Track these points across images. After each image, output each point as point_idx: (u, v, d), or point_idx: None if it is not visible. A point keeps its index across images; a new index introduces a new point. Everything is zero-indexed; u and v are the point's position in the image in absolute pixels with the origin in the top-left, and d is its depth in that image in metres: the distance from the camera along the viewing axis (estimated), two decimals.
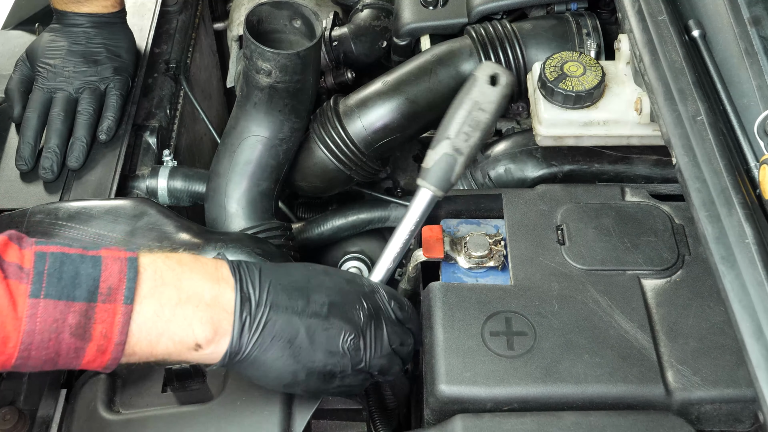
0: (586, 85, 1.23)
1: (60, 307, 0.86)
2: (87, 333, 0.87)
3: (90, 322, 0.87)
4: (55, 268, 0.87)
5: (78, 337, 0.87)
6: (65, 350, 0.87)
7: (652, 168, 1.30)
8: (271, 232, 1.37)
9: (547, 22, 1.46)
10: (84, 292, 0.87)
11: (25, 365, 0.87)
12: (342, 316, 0.97)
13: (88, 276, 0.88)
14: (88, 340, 0.88)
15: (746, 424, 1.00)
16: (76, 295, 0.87)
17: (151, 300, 0.90)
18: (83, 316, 0.87)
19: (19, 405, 1.10)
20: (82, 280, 0.87)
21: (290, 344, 0.95)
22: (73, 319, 0.86)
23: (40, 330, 0.85)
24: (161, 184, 1.48)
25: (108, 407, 1.08)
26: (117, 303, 0.88)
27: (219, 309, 0.93)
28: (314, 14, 1.31)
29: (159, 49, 1.71)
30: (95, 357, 0.89)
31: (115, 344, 0.89)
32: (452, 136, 1.05)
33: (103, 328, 0.88)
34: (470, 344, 1.02)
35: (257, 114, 1.35)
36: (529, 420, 0.96)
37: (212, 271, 0.95)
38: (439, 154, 1.06)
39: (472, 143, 1.05)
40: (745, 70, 1.05)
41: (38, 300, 0.85)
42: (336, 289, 0.99)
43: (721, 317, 1.04)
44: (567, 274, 1.10)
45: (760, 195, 0.95)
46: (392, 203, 1.54)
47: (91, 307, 0.87)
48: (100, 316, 0.88)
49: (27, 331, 0.85)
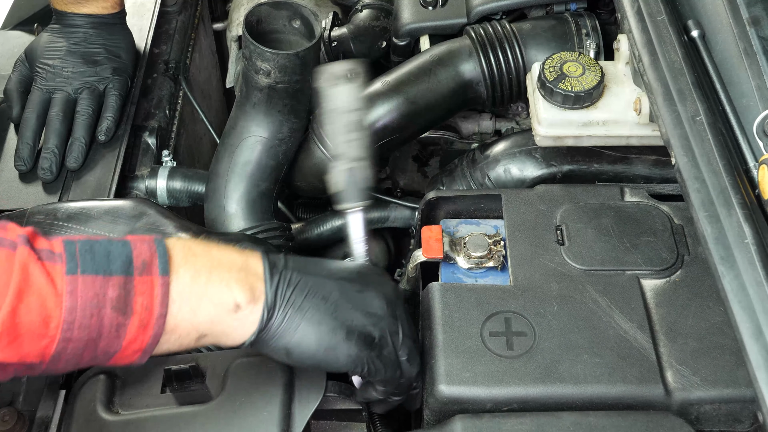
0: (585, 86, 1.23)
1: (99, 281, 0.84)
2: (128, 306, 0.85)
3: (130, 295, 0.85)
4: (86, 249, 0.85)
5: (119, 312, 0.85)
6: (107, 327, 0.84)
7: (651, 168, 1.30)
8: (271, 233, 1.37)
9: (547, 23, 1.46)
10: (119, 266, 0.85)
11: (65, 351, 0.84)
12: (374, 282, 0.98)
13: (120, 253, 0.86)
14: (130, 315, 0.85)
15: (746, 424, 1.00)
16: (112, 270, 0.85)
17: (185, 267, 0.89)
18: (122, 288, 0.85)
19: (18, 406, 1.10)
20: (116, 257, 0.86)
21: (325, 300, 0.93)
22: (113, 292, 0.84)
23: (82, 305, 0.83)
24: (160, 185, 1.48)
25: (107, 408, 1.07)
26: (153, 275, 0.87)
27: (251, 272, 0.92)
28: (313, 14, 1.31)
29: (158, 49, 1.71)
30: (137, 334, 0.86)
31: (157, 317, 0.86)
32: (341, 150, 1.06)
33: (143, 300, 0.86)
34: (470, 344, 1.02)
35: (256, 114, 1.35)
36: (529, 420, 0.96)
37: (238, 248, 0.96)
38: (341, 173, 1.07)
39: (363, 143, 1.06)
40: (744, 70, 1.05)
41: (76, 276, 0.83)
42: (361, 266, 1.01)
43: (720, 317, 1.04)
44: (566, 275, 1.10)
45: (759, 195, 0.95)
46: (391, 203, 1.53)
47: (129, 280, 0.85)
48: (139, 288, 0.86)
49: (68, 308, 0.82)
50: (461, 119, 1.61)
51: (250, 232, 1.35)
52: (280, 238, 1.38)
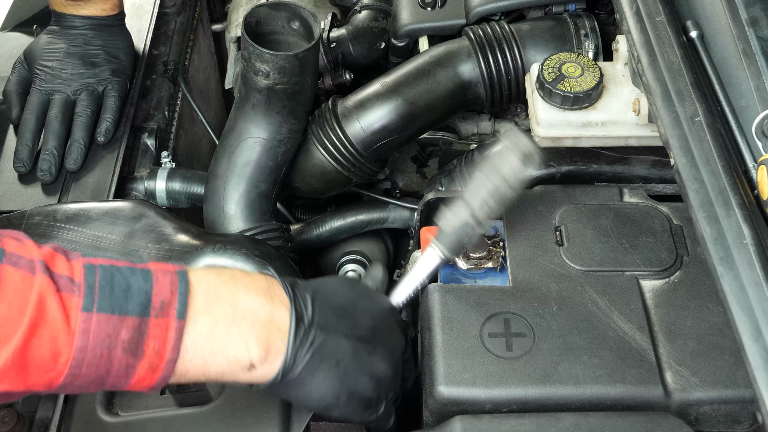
0: (584, 86, 1.23)
1: (113, 322, 0.82)
2: (139, 349, 0.83)
3: (143, 337, 0.83)
4: (107, 280, 0.83)
5: (130, 354, 0.83)
6: (116, 367, 0.83)
7: (650, 169, 1.30)
8: (270, 234, 1.37)
9: (545, 23, 1.46)
10: (137, 305, 0.83)
11: (72, 384, 0.82)
12: (384, 341, 0.97)
13: (140, 289, 0.84)
14: (140, 357, 0.83)
15: (745, 424, 1.00)
16: (129, 309, 0.83)
17: (206, 317, 0.86)
18: (136, 330, 0.83)
19: (18, 407, 1.10)
20: (134, 293, 0.83)
21: (337, 365, 0.93)
22: (126, 334, 0.82)
23: (93, 345, 0.81)
24: (159, 186, 1.48)
25: (107, 409, 1.08)
26: (170, 318, 0.84)
27: (274, 328, 0.90)
28: (312, 16, 1.31)
29: (157, 50, 1.71)
30: (145, 375, 0.85)
31: (167, 362, 0.85)
32: (476, 207, 1.05)
33: (155, 345, 0.84)
34: (469, 345, 1.02)
35: (255, 115, 1.35)
36: (528, 421, 0.96)
37: (266, 287, 0.92)
38: (460, 222, 1.05)
39: (492, 215, 1.06)
40: (743, 70, 1.05)
41: (91, 314, 0.81)
42: (378, 312, 0.99)
43: (719, 318, 1.04)
44: (565, 275, 1.10)
45: (758, 196, 0.95)
46: (391, 204, 1.54)
47: (144, 322, 0.83)
48: (153, 332, 0.84)
49: (79, 347, 0.80)
50: (460, 120, 1.61)
51: (249, 233, 1.35)
52: (279, 239, 1.38)
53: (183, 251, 1.21)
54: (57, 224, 1.24)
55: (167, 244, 1.22)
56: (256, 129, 1.36)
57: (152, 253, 1.20)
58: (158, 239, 1.22)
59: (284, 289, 0.93)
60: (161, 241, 1.22)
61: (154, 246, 1.21)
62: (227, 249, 1.21)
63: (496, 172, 1.06)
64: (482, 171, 1.07)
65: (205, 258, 1.20)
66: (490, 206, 1.05)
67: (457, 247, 1.07)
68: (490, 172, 1.06)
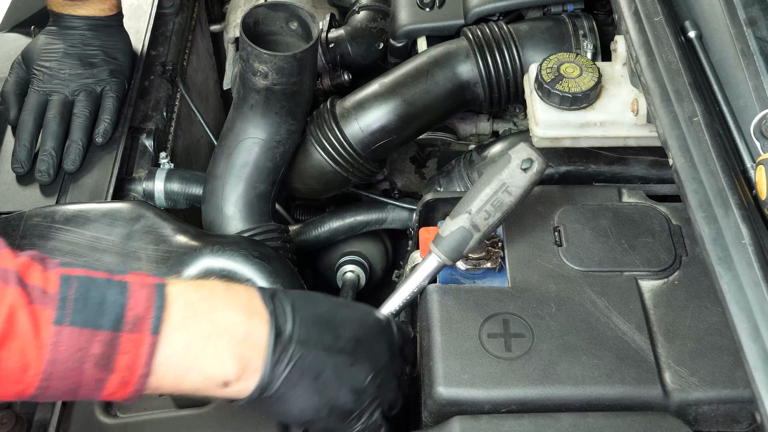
0: (582, 87, 1.23)
1: (85, 336, 0.82)
2: (110, 364, 0.83)
3: (114, 352, 0.83)
4: (81, 293, 0.83)
5: (101, 368, 0.83)
6: (87, 381, 0.83)
7: (648, 169, 1.30)
8: (269, 235, 1.37)
9: (544, 24, 1.46)
10: (110, 320, 0.83)
11: (42, 395, 0.83)
12: (366, 353, 0.96)
13: (114, 303, 0.84)
14: (111, 371, 0.83)
15: (743, 424, 1.00)
16: (101, 324, 0.82)
17: (181, 332, 0.86)
18: (108, 345, 0.83)
19: (16, 409, 1.10)
20: (108, 307, 0.83)
21: (316, 380, 0.92)
22: (98, 348, 0.82)
23: (63, 359, 0.81)
24: (158, 187, 1.47)
25: (105, 411, 1.08)
26: (143, 333, 0.84)
27: (251, 344, 0.89)
28: (311, 16, 1.31)
29: (155, 51, 1.71)
30: (117, 389, 0.85)
31: (139, 376, 0.84)
32: (473, 211, 1.05)
33: (127, 360, 0.84)
34: (468, 346, 1.02)
35: (254, 116, 1.35)
36: (527, 422, 0.96)
37: (245, 302, 0.92)
38: (457, 226, 1.06)
39: (491, 222, 1.06)
40: (742, 71, 1.05)
41: (62, 327, 0.81)
42: (360, 323, 0.98)
43: (718, 318, 1.04)
44: (564, 276, 1.10)
45: (756, 196, 0.95)
46: (389, 205, 1.54)
47: (116, 337, 0.83)
48: (124, 347, 0.83)
49: (49, 360, 0.80)
50: (459, 120, 1.61)
51: (247, 234, 1.35)
52: (277, 240, 1.38)
53: (181, 252, 1.21)
54: (55, 225, 1.24)
55: (166, 245, 1.22)
56: (254, 130, 1.36)
57: (151, 254, 1.20)
58: (157, 240, 1.22)
59: (264, 302, 0.92)
60: (160, 242, 1.22)
61: (152, 247, 1.21)
62: (226, 250, 1.21)
63: (496, 176, 1.06)
64: (483, 177, 1.07)
65: (204, 259, 1.20)
66: (488, 211, 1.05)
67: (455, 252, 1.07)
68: (490, 178, 1.06)
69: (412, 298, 1.09)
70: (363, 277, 1.58)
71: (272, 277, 1.20)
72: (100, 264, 1.19)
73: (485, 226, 1.06)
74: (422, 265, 1.08)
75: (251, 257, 1.21)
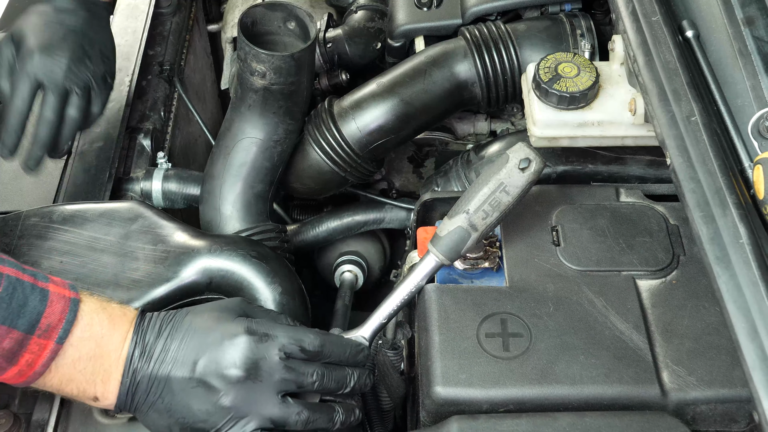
0: (580, 86, 1.23)
1: (1, 331, 0.91)
2: (15, 358, 0.93)
3: (21, 350, 0.93)
4: (8, 293, 0.92)
5: (5, 359, 0.93)
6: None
7: (645, 168, 1.30)
8: (266, 234, 1.37)
9: (542, 23, 1.46)
10: (26, 323, 0.93)
11: None
12: (216, 373, 0.98)
13: (33, 309, 0.93)
14: (14, 364, 0.94)
15: (741, 424, 1.00)
16: (18, 324, 0.92)
17: (74, 349, 0.96)
18: (18, 343, 0.92)
19: (14, 409, 1.10)
20: (28, 311, 0.93)
21: (162, 400, 0.98)
22: (8, 344, 0.92)
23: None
24: (156, 187, 1.47)
25: (103, 411, 1.07)
26: (50, 340, 0.94)
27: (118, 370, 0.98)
28: (308, 16, 1.31)
29: (153, 51, 1.71)
30: (11, 377, 0.95)
31: (34, 373, 0.95)
32: (471, 211, 1.06)
33: (30, 358, 0.94)
34: (466, 346, 1.02)
35: (252, 116, 1.35)
36: (525, 421, 0.96)
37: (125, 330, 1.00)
38: (455, 225, 1.06)
39: (489, 222, 1.06)
40: (739, 70, 1.05)
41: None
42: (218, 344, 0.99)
43: (716, 317, 1.04)
44: (562, 275, 1.10)
45: (754, 195, 0.95)
46: (387, 205, 1.53)
47: (27, 338, 0.93)
48: (31, 348, 0.93)
49: None
50: (456, 120, 1.61)
51: (245, 233, 1.35)
52: (275, 239, 1.38)
53: (179, 252, 1.21)
54: (53, 225, 1.24)
55: (163, 245, 1.22)
56: (252, 129, 1.36)
57: (148, 254, 1.20)
58: (154, 240, 1.22)
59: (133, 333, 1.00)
60: (157, 242, 1.22)
61: (150, 247, 1.21)
62: (223, 250, 1.21)
63: (494, 176, 1.06)
64: (481, 177, 1.07)
65: (201, 259, 1.20)
66: (486, 210, 1.05)
67: (453, 252, 1.07)
68: (489, 176, 1.06)
69: (410, 297, 1.09)
70: (361, 277, 1.58)
71: (270, 277, 1.20)
72: (98, 264, 1.19)
73: (483, 226, 1.06)
74: (420, 264, 1.08)
75: (249, 257, 1.21)
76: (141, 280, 1.17)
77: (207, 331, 1.00)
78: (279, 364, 0.99)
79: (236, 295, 1.19)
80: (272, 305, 1.19)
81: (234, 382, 0.97)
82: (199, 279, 1.19)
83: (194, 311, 1.03)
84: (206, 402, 0.97)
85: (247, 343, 0.99)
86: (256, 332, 1.00)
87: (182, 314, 1.02)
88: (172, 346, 0.99)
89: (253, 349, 0.99)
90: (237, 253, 1.21)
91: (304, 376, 1.00)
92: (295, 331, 1.03)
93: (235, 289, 1.20)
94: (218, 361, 0.98)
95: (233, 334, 1.00)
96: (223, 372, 0.97)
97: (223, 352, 0.98)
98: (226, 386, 0.97)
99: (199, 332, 1.00)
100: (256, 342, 0.99)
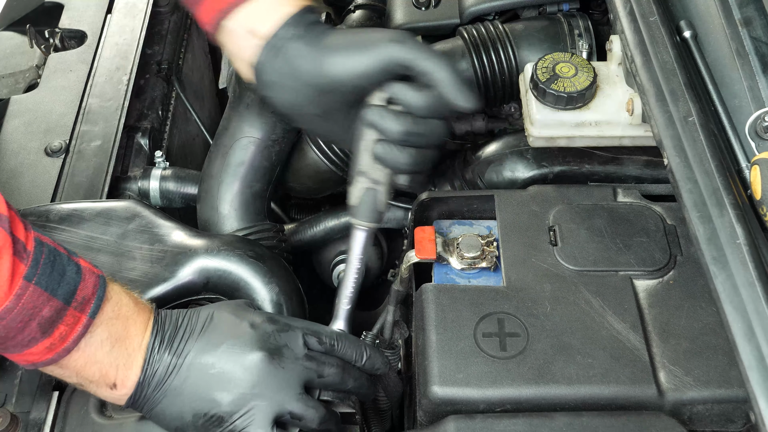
0: (577, 86, 1.23)
1: (43, 298, 0.89)
2: (50, 329, 0.91)
3: (58, 320, 0.91)
4: (50, 260, 0.91)
5: (41, 330, 0.91)
6: (23, 336, 0.90)
7: (642, 169, 1.30)
8: (264, 234, 1.37)
9: (539, 23, 1.46)
10: (65, 292, 0.92)
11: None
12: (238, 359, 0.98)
13: (71, 279, 0.92)
14: (47, 336, 0.91)
15: (738, 424, 1.00)
16: (58, 292, 0.91)
17: (103, 328, 0.95)
18: (56, 312, 0.91)
19: (11, 407, 1.09)
20: (66, 281, 0.92)
21: (178, 387, 0.98)
22: (48, 312, 0.90)
23: (19, 311, 0.88)
24: (153, 186, 1.47)
25: (100, 411, 1.07)
26: (84, 314, 0.93)
27: (141, 356, 0.98)
28: None
29: (151, 50, 1.70)
30: (39, 353, 0.92)
31: (63, 349, 0.93)
32: (365, 169, 1.07)
33: (64, 330, 0.92)
34: (463, 345, 1.02)
35: (250, 115, 1.35)
36: (522, 421, 0.96)
37: (146, 317, 1.00)
38: (360, 189, 1.08)
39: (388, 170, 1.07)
40: (737, 70, 1.06)
41: (29, 284, 0.89)
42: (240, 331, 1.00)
43: (712, 318, 1.04)
44: (559, 275, 1.10)
45: (751, 195, 0.95)
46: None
47: (65, 308, 0.92)
48: (67, 319, 0.92)
49: (7, 307, 0.88)
50: (454, 120, 1.60)
51: (243, 233, 1.35)
52: (273, 239, 1.37)
53: (176, 252, 1.21)
54: (50, 224, 1.24)
55: (161, 245, 1.22)
56: (250, 128, 1.36)
57: (145, 253, 1.20)
58: (152, 240, 1.22)
59: (153, 326, 0.99)
60: (155, 241, 1.22)
61: (147, 247, 1.21)
62: (221, 250, 1.21)
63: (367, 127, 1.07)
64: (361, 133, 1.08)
65: (199, 259, 1.20)
66: (377, 161, 1.07)
67: (372, 213, 1.09)
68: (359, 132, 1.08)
69: (360, 276, 1.11)
70: None
71: (267, 277, 1.20)
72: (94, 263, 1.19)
73: (384, 176, 1.08)
74: (352, 244, 1.11)
75: (246, 257, 1.21)
76: (138, 280, 1.17)
77: (228, 320, 1.01)
78: (302, 351, 1.01)
79: (233, 295, 1.19)
80: (269, 305, 1.19)
81: (256, 368, 0.98)
82: (196, 279, 1.19)
83: (210, 306, 1.05)
84: (225, 388, 0.97)
85: (271, 329, 1.01)
86: (278, 321, 1.02)
87: (197, 309, 1.04)
88: (192, 334, 0.99)
89: (276, 336, 1.01)
90: (234, 253, 1.21)
91: (325, 366, 1.02)
92: (312, 325, 1.05)
93: (232, 289, 1.20)
94: (241, 346, 0.98)
95: (255, 323, 1.01)
96: (246, 357, 0.98)
97: (248, 338, 0.99)
98: (249, 372, 0.97)
99: (221, 321, 1.01)
100: (278, 330, 1.01)
